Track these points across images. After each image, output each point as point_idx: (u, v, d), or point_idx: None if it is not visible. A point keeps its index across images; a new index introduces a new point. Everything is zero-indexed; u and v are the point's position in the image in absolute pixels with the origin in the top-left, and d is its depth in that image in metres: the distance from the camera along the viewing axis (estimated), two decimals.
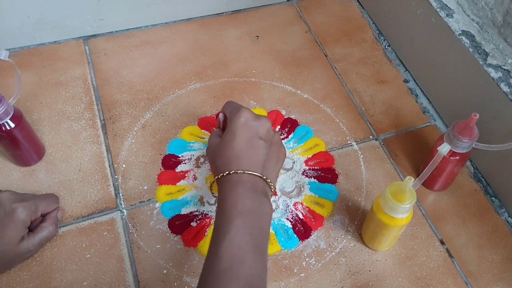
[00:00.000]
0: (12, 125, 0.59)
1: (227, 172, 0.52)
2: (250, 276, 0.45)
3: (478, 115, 0.55)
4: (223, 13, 0.88)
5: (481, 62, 0.64)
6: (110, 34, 0.83)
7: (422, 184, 0.67)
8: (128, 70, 0.78)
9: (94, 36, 0.82)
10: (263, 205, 0.51)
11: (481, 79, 0.65)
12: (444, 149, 0.56)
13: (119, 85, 0.76)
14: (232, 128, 0.55)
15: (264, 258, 0.48)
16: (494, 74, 0.63)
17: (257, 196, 0.51)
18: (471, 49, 0.66)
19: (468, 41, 0.67)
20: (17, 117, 0.60)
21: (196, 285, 0.56)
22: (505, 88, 0.62)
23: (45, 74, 0.76)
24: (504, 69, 0.63)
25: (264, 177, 0.53)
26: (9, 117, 0.59)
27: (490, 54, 0.65)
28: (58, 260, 0.58)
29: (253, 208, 0.50)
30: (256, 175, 0.52)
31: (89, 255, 0.58)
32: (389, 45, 0.86)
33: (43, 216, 0.58)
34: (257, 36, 0.85)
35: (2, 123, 0.58)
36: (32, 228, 0.57)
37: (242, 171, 0.52)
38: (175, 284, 0.57)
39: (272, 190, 0.54)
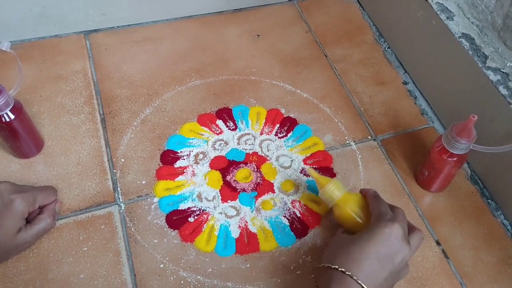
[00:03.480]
0: (12, 116, 0.59)
1: (342, 269, 0.49)
2: None
3: (476, 116, 0.56)
4: (224, 11, 0.89)
5: (480, 65, 0.65)
6: (111, 30, 0.83)
7: (419, 185, 0.68)
8: (128, 66, 0.78)
9: (95, 31, 0.83)
10: None
11: (480, 81, 0.65)
12: (327, 139, 0.57)
13: (119, 80, 0.76)
14: (373, 233, 0.51)
15: None
16: (493, 77, 0.64)
17: None
18: (470, 52, 0.66)
19: (468, 44, 0.67)
20: (17, 108, 0.60)
21: (192, 280, 0.57)
22: (504, 91, 0.62)
23: (45, 68, 0.76)
24: (503, 72, 0.64)
25: None
26: (9, 108, 0.59)
27: (490, 57, 0.65)
28: (55, 252, 0.58)
29: None
30: None
31: (86, 248, 0.58)
32: (389, 47, 0.86)
33: (41, 208, 0.58)
34: (258, 35, 0.85)
35: (1, 114, 0.58)
36: (29, 220, 0.57)
37: (358, 280, 0.48)
38: (172, 278, 0.57)
39: None
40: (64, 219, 0.61)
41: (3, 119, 0.59)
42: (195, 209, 0.63)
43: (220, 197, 0.64)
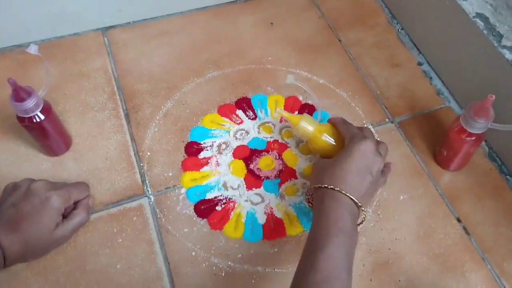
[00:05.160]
0: (42, 117, 0.61)
1: (331, 187, 0.55)
2: None
3: (494, 96, 0.57)
4: (236, 0, 0.90)
5: (495, 44, 0.65)
6: (127, 25, 0.85)
7: (438, 164, 0.69)
8: (147, 60, 0.80)
9: (112, 27, 0.84)
10: (355, 232, 0.53)
11: (496, 60, 0.66)
12: (289, 80, 0.63)
13: (139, 75, 0.78)
14: (350, 151, 0.57)
15: (350, 283, 0.50)
16: (509, 55, 0.64)
17: (353, 221, 0.54)
18: (485, 31, 0.67)
19: (482, 23, 0.68)
20: (46, 109, 0.62)
21: (223, 266, 0.59)
22: None
23: (67, 66, 0.78)
24: None
25: (363, 208, 0.56)
26: (39, 109, 0.61)
27: (505, 36, 0.66)
28: (91, 244, 0.61)
29: (350, 230, 0.52)
30: (355, 201, 0.55)
31: (120, 240, 0.61)
32: (402, 29, 0.87)
33: (75, 204, 0.61)
34: (272, 23, 0.86)
35: (32, 116, 0.61)
36: (65, 215, 0.59)
37: (347, 193, 0.54)
38: (204, 265, 0.60)
39: (364, 219, 0.57)
40: (97, 213, 0.63)
41: (34, 120, 0.61)
42: (221, 198, 0.65)
43: (245, 185, 0.66)
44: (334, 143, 0.64)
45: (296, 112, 0.74)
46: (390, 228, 0.64)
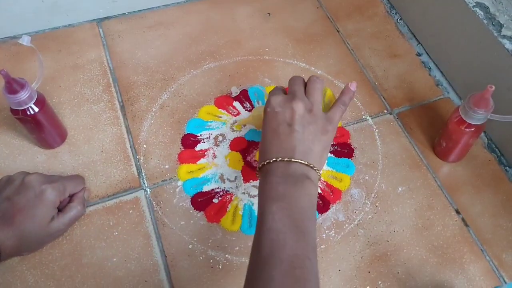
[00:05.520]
0: (36, 109, 0.61)
1: (259, 166, 0.53)
2: (293, 257, 0.44)
3: (493, 86, 0.56)
4: None
5: (495, 34, 0.65)
6: (122, 16, 0.84)
7: (437, 156, 0.69)
8: (142, 52, 0.79)
9: (107, 18, 0.83)
10: (300, 187, 0.50)
11: (496, 50, 0.65)
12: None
13: (135, 67, 0.77)
14: (263, 121, 0.56)
15: (309, 237, 0.47)
16: (509, 45, 0.64)
17: (291, 181, 0.50)
18: (485, 21, 0.66)
19: (482, 13, 0.67)
20: (40, 101, 0.61)
21: (220, 258, 0.59)
22: None
23: (61, 58, 0.77)
24: None
25: (296, 160, 0.51)
26: (33, 101, 0.60)
27: (505, 26, 0.65)
28: (87, 238, 0.60)
29: (287, 192, 0.49)
30: (285, 160, 0.51)
31: (116, 233, 0.61)
32: (401, 19, 0.86)
33: (71, 197, 0.60)
34: (269, 14, 0.85)
35: (26, 108, 0.60)
36: (60, 208, 0.59)
37: (269, 161, 0.52)
38: (201, 258, 0.59)
39: (314, 168, 0.52)
40: (93, 206, 0.63)
41: (27, 112, 0.60)
42: (218, 190, 0.65)
43: (242, 178, 0.66)
44: None
45: None
46: (388, 220, 0.63)
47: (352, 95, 0.59)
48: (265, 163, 0.52)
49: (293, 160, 0.51)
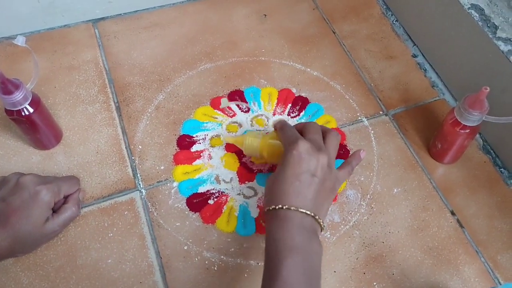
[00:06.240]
0: (31, 110, 0.60)
1: (273, 207, 0.51)
2: None
3: (488, 88, 0.56)
4: None
5: (490, 36, 0.65)
6: (118, 17, 0.84)
7: (432, 157, 0.69)
8: (138, 52, 0.79)
9: (103, 19, 0.83)
10: (313, 243, 0.50)
11: (491, 52, 0.65)
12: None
13: (131, 68, 0.77)
14: (284, 160, 0.54)
15: None
16: (504, 47, 0.64)
17: (307, 233, 0.50)
18: (480, 23, 0.66)
19: (477, 15, 0.67)
20: (35, 102, 0.61)
21: (216, 260, 0.59)
22: None
23: (57, 58, 0.77)
24: None
25: (313, 214, 0.51)
26: (27, 102, 0.60)
27: (500, 27, 0.65)
28: (82, 239, 0.60)
29: (303, 245, 0.48)
30: (303, 212, 0.51)
31: (111, 234, 0.60)
32: (396, 20, 0.86)
33: (66, 198, 0.60)
34: (265, 15, 0.85)
35: (21, 109, 0.60)
36: (55, 209, 0.58)
37: (289, 207, 0.51)
38: (196, 259, 0.59)
39: (323, 227, 0.53)
40: (88, 207, 0.62)
41: (22, 113, 0.60)
42: (214, 191, 0.65)
43: (237, 179, 0.66)
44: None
45: (289, 105, 0.73)
46: (383, 222, 0.63)
47: (359, 161, 0.60)
48: (283, 207, 0.51)
49: (309, 213, 0.51)
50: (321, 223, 0.52)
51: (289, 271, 0.46)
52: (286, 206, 0.51)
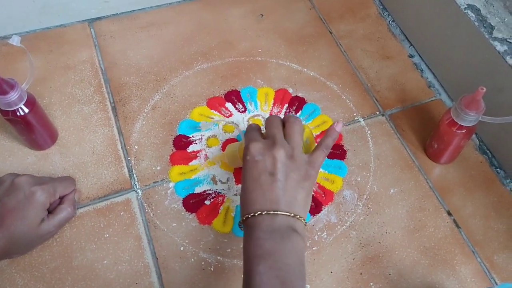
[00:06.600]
0: (26, 110, 0.60)
1: (243, 218, 0.50)
2: None
3: (484, 88, 0.56)
4: None
5: (486, 36, 0.65)
6: (114, 16, 0.83)
7: (428, 157, 0.69)
8: (134, 52, 0.78)
9: (99, 18, 0.83)
10: (287, 242, 0.48)
11: (487, 52, 0.65)
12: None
13: (127, 68, 0.76)
14: (243, 170, 0.53)
15: None
16: (500, 47, 0.64)
17: (278, 236, 0.48)
18: (476, 23, 0.66)
19: (473, 15, 0.67)
20: (30, 102, 0.61)
21: (212, 260, 0.58)
22: (511, 61, 0.62)
23: (52, 58, 0.77)
24: (510, 43, 0.64)
25: (282, 213, 0.49)
26: (23, 102, 0.59)
27: (496, 28, 0.65)
28: (78, 240, 0.59)
29: (273, 249, 0.47)
30: (271, 213, 0.49)
31: (107, 235, 0.60)
32: (393, 21, 0.86)
33: (61, 198, 0.60)
34: (262, 15, 0.85)
35: (16, 109, 0.59)
36: (51, 210, 0.58)
37: (254, 214, 0.49)
38: (193, 260, 0.59)
39: (302, 220, 0.50)
40: (84, 208, 0.62)
41: (17, 113, 0.60)
42: (210, 192, 0.64)
43: (234, 179, 0.66)
44: None
45: (286, 106, 0.73)
46: (380, 222, 0.63)
47: (337, 136, 0.56)
48: (249, 216, 0.49)
49: (278, 212, 0.49)
50: (298, 217, 0.50)
51: (261, 280, 0.45)
52: (252, 214, 0.49)
